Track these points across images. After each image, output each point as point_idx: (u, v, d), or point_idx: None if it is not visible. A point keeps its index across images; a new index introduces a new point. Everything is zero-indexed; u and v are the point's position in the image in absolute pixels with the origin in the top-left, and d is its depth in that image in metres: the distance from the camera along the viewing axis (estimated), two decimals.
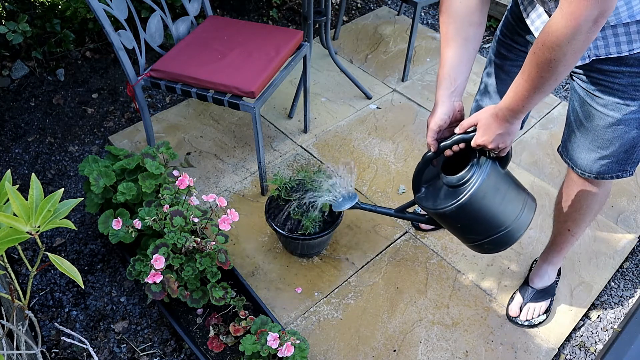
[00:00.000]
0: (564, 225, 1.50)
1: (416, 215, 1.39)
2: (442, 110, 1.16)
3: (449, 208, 1.18)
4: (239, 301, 1.54)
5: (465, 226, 1.24)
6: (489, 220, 1.20)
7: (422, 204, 1.26)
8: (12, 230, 0.78)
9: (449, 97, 1.16)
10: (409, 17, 3.11)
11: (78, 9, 2.46)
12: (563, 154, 1.35)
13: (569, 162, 1.33)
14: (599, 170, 1.27)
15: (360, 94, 2.53)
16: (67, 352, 1.58)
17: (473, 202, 1.16)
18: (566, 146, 1.32)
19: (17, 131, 2.29)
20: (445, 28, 1.15)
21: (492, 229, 1.21)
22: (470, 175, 1.16)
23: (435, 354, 1.59)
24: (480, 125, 1.10)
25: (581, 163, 1.28)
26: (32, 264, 1.79)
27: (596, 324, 1.71)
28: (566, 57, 0.89)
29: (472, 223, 1.21)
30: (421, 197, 1.28)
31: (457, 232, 1.29)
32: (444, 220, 1.25)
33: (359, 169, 2.15)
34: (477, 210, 1.18)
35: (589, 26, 0.85)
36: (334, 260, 1.82)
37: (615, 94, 1.11)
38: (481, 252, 1.32)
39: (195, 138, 2.28)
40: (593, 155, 1.24)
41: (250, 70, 1.74)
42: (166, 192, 1.54)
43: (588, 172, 1.29)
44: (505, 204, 1.19)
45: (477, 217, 1.19)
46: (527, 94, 0.99)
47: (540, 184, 2.12)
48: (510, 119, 1.05)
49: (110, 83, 2.55)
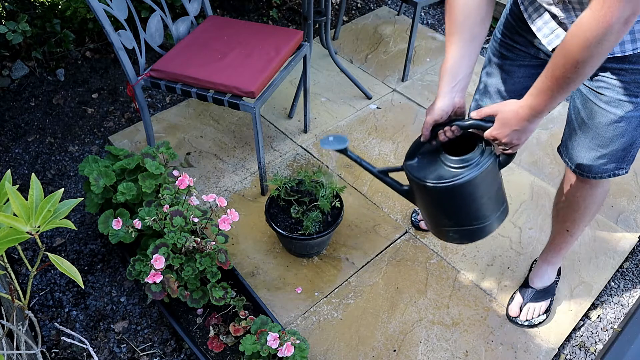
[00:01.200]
0: (563, 225, 1.50)
1: (395, 183, 1.33)
2: (441, 104, 1.15)
3: (440, 185, 1.15)
4: (239, 301, 1.54)
5: (443, 208, 1.22)
6: (469, 210, 1.18)
7: (412, 172, 1.22)
8: (12, 230, 0.78)
9: (450, 92, 1.15)
10: (409, 17, 3.11)
11: (78, 9, 2.47)
12: (562, 153, 1.35)
13: (568, 161, 1.33)
14: (598, 169, 1.27)
15: (360, 94, 2.53)
16: (67, 352, 1.58)
17: (465, 188, 1.14)
18: (566, 145, 1.32)
19: (17, 131, 2.29)
20: (449, 23, 1.14)
21: (468, 220, 1.20)
22: (473, 161, 1.14)
23: (435, 354, 1.59)
24: (499, 118, 1.08)
25: (580, 162, 1.29)
26: (32, 264, 1.79)
27: (596, 324, 1.71)
28: (593, 58, 0.89)
29: (453, 207, 1.19)
30: (412, 166, 1.23)
31: (429, 211, 1.27)
32: (425, 195, 1.22)
33: (359, 169, 2.16)
34: (465, 197, 1.16)
35: (619, 26, 0.84)
36: (334, 260, 1.82)
37: (618, 91, 1.12)
38: (440, 238, 1.30)
39: (195, 138, 2.28)
40: (592, 154, 1.25)
41: (250, 70, 1.74)
42: (166, 192, 1.54)
43: (586, 172, 1.29)
44: (489, 201, 1.18)
45: (460, 204, 1.18)
46: (550, 94, 0.97)
47: (540, 184, 2.12)
48: (530, 118, 1.04)
49: (110, 83, 2.55)
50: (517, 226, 1.95)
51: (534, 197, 2.06)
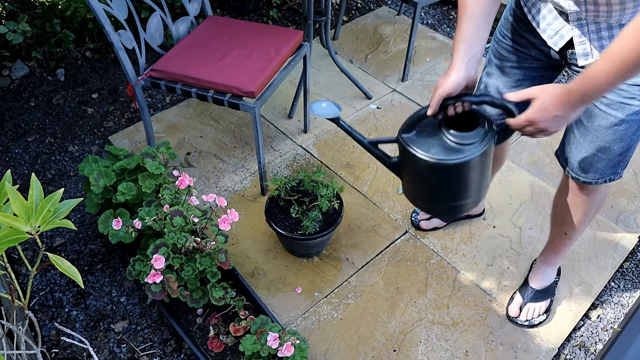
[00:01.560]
0: (561, 228, 1.50)
1: (383, 155, 1.29)
2: (456, 76, 1.08)
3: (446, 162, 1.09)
4: (239, 301, 1.54)
5: (437, 183, 1.18)
6: (464, 188, 1.15)
7: (411, 144, 1.15)
8: (12, 230, 0.78)
9: (466, 63, 1.09)
10: (409, 17, 3.11)
11: (78, 9, 2.46)
12: (560, 157, 1.35)
13: (565, 164, 1.33)
14: (595, 174, 1.26)
15: (360, 94, 2.53)
16: (67, 352, 1.58)
17: (467, 166, 1.10)
18: (564, 148, 1.32)
19: (17, 131, 2.29)
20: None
21: (460, 196, 1.17)
22: (477, 139, 1.10)
23: (435, 354, 1.59)
24: (537, 103, 1.03)
25: (577, 165, 1.28)
26: (32, 264, 1.79)
27: (596, 324, 1.71)
28: None
29: (448, 183, 1.16)
30: (411, 138, 1.17)
31: (420, 184, 1.23)
32: (419, 168, 1.17)
33: (359, 169, 2.16)
34: (464, 175, 1.13)
35: None
36: (334, 260, 1.82)
37: (619, 93, 1.11)
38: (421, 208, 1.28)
39: (195, 138, 2.28)
40: (590, 158, 1.24)
41: (250, 70, 1.74)
42: (166, 192, 1.54)
43: (583, 177, 1.29)
44: (483, 179, 1.17)
45: (457, 181, 1.14)
46: (611, 79, 0.93)
47: (540, 184, 2.12)
48: (576, 104, 0.99)
49: (110, 83, 2.55)
50: (517, 226, 1.95)
51: (534, 197, 2.06)
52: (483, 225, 1.95)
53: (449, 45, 2.89)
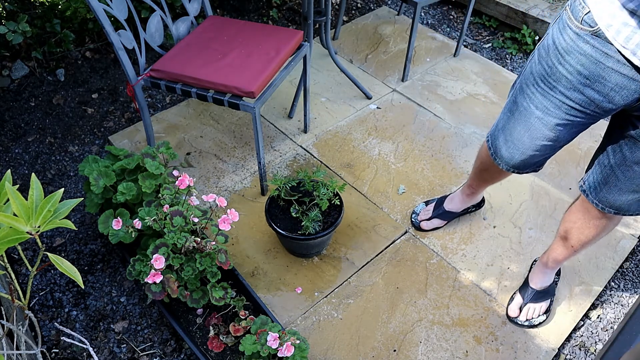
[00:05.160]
0: (569, 242, 1.48)
1: None
2: None
3: None
4: (239, 301, 1.54)
5: None
6: None
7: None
8: (12, 230, 0.78)
9: None
10: (409, 17, 3.11)
11: (78, 9, 2.47)
12: (590, 195, 1.28)
13: (599, 203, 1.27)
14: (627, 211, 1.24)
15: (360, 94, 2.53)
16: (67, 352, 1.58)
17: None
18: (599, 189, 1.26)
19: (17, 131, 2.29)
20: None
21: None
22: None
23: (435, 354, 1.59)
24: None
25: (618, 205, 1.24)
26: (32, 264, 1.79)
27: (596, 324, 1.71)
28: None
29: None
30: None
31: None
32: None
33: (359, 169, 2.16)
34: None
35: None
36: (334, 260, 1.82)
37: None
38: None
39: (195, 138, 2.28)
40: (632, 196, 1.21)
41: (250, 70, 1.74)
42: (166, 192, 1.54)
43: (614, 211, 1.26)
44: None
45: None
46: None
47: (540, 183, 2.12)
48: None
49: (110, 83, 2.55)
50: (517, 226, 1.95)
51: (534, 197, 2.06)
52: (483, 225, 1.96)
53: (449, 45, 2.89)
